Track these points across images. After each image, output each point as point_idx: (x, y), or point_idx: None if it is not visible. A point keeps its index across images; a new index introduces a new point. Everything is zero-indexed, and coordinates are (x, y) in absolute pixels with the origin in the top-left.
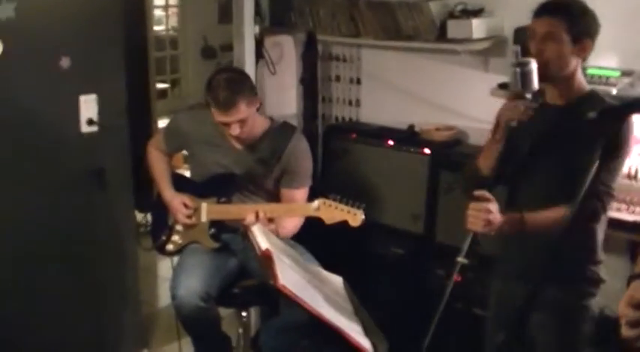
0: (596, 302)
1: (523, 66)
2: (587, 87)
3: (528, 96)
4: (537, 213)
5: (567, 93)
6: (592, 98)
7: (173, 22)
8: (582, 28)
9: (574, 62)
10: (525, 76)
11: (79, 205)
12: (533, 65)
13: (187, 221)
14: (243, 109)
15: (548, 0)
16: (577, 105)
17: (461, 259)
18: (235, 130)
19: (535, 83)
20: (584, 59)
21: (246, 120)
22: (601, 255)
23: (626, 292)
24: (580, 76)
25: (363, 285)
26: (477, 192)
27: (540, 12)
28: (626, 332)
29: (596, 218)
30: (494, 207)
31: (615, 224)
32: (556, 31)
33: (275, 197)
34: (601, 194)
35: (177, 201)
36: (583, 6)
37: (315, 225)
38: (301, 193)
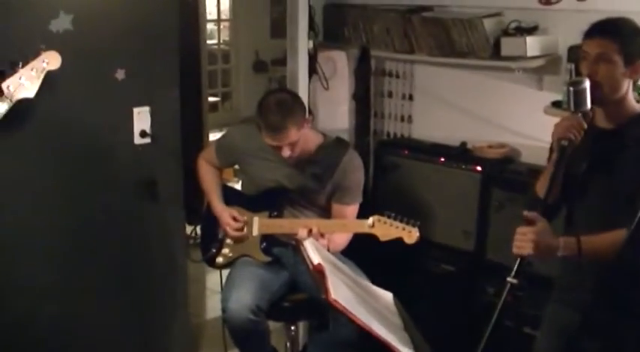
0: None
1: (576, 85)
2: (638, 108)
3: (580, 115)
4: (594, 237)
5: (617, 116)
6: None
7: (225, 35)
8: (635, 49)
9: (626, 84)
10: (578, 95)
11: (131, 216)
12: (587, 84)
13: (236, 234)
14: (294, 133)
15: (599, 20)
16: (628, 127)
17: (510, 279)
18: (286, 153)
19: (588, 103)
20: (635, 81)
21: (296, 143)
22: None
23: None
24: (631, 99)
25: (413, 302)
26: (526, 213)
27: (591, 33)
28: None
29: None
30: (542, 229)
31: None
32: (608, 52)
33: (327, 212)
34: None
35: (226, 215)
36: (635, 26)
37: (367, 240)
38: (352, 209)
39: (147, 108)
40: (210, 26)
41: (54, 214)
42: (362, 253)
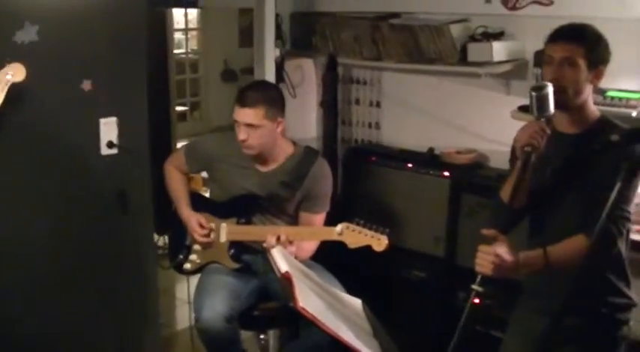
0: (630, 328)
1: (539, 90)
2: (598, 113)
3: (543, 120)
4: (558, 246)
5: (580, 121)
6: (605, 124)
7: (193, 45)
8: (598, 55)
9: (588, 89)
10: (541, 101)
11: (100, 227)
12: (550, 89)
13: (203, 240)
14: (259, 115)
15: (564, 25)
16: (591, 132)
17: (476, 287)
18: (241, 134)
19: (551, 108)
20: (596, 86)
21: (256, 130)
22: (629, 276)
23: None
24: (591, 103)
25: (384, 308)
26: (485, 231)
27: (556, 37)
28: None
29: (613, 243)
30: (502, 250)
31: (636, 246)
32: (573, 57)
33: (295, 220)
34: (617, 218)
35: (193, 221)
36: (598, 33)
37: (337, 247)
38: (320, 218)
39: (114, 119)
40: (178, 35)
41: (20, 226)
42: (332, 260)
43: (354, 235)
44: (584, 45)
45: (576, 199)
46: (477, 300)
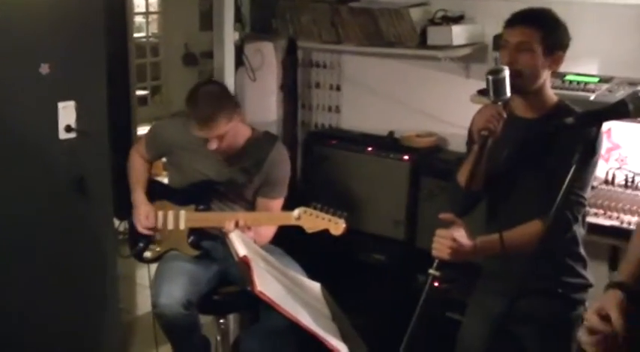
0: (587, 309)
1: (495, 74)
2: (555, 98)
3: (500, 104)
4: (514, 231)
5: (538, 106)
6: (562, 109)
7: (154, 28)
8: (556, 40)
9: (545, 74)
10: (497, 84)
11: (58, 212)
12: (506, 73)
13: (145, 232)
14: (223, 125)
15: (522, 9)
16: (548, 117)
17: (433, 271)
18: (213, 145)
19: (507, 92)
20: (554, 71)
21: (225, 136)
22: (585, 258)
23: (600, 298)
24: (549, 88)
25: (344, 292)
26: (442, 215)
27: (513, 21)
28: (584, 337)
29: (568, 229)
30: (459, 234)
31: (594, 229)
32: (530, 41)
33: (254, 206)
34: (572, 204)
35: (141, 210)
36: (556, 17)
37: (297, 232)
38: (278, 203)
39: (72, 103)
40: (138, 19)
41: None
42: (292, 244)
43: (311, 219)
44: (540, 30)
45: (532, 183)
46: (436, 283)
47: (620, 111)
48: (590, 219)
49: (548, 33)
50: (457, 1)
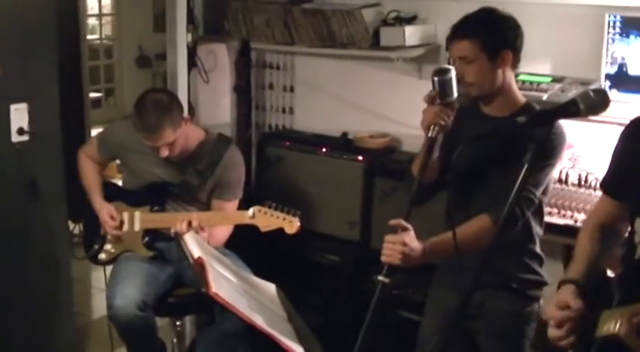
0: (541, 306)
1: (441, 74)
2: (523, 99)
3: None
4: (462, 228)
5: (507, 104)
6: (529, 110)
7: (108, 30)
8: (496, 41)
9: (501, 75)
10: (443, 85)
11: (12, 215)
12: (452, 73)
13: (114, 232)
14: (169, 134)
15: (456, 23)
16: (516, 116)
17: (382, 278)
18: (164, 153)
19: (454, 91)
20: (514, 67)
21: (174, 143)
22: (541, 255)
23: (555, 295)
24: (515, 88)
25: (300, 293)
26: (392, 221)
27: (452, 37)
28: (552, 332)
29: (514, 225)
30: (409, 238)
31: (548, 228)
32: (469, 54)
33: (208, 208)
34: (522, 200)
35: (105, 212)
36: (494, 16)
37: (251, 232)
38: (232, 205)
39: (24, 105)
40: (92, 21)
41: None
42: (249, 245)
43: (265, 218)
44: (478, 39)
45: (490, 179)
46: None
47: (572, 110)
48: (544, 218)
49: (486, 38)
50: (410, 2)
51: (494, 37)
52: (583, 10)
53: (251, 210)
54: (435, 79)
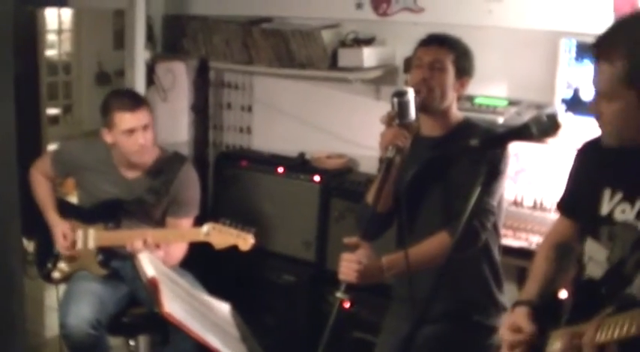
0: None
1: (401, 96)
2: (461, 116)
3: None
4: (420, 245)
5: (443, 124)
6: (468, 126)
7: (67, 46)
8: (465, 65)
9: (452, 96)
10: (402, 107)
11: None
12: (411, 95)
13: (67, 252)
14: (148, 114)
15: (436, 33)
16: (454, 135)
17: (340, 295)
18: (141, 138)
19: (412, 113)
20: (459, 96)
21: (149, 128)
22: (502, 281)
23: (509, 316)
24: (455, 110)
25: (255, 313)
26: (347, 240)
27: (429, 41)
28: None
29: (477, 238)
30: (365, 257)
31: (502, 250)
32: (444, 61)
33: (163, 226)
34: (479, 213)
35: (58, 230)
36: (466, 46)
37: (207, 252)
38: (186, 222)
39: None
40: (51, 37)
41: None
42: (203, 265)
43: (220, 235)
44: (454, 52)
45: (438, 203)
46: (346, 304)
47: (524, 133)
48: (504, 241)
49: (459, 56)
50: (368, 24)
51: (465, 60)
52: (539, 35)
53: (205, 227)
54: (395, 100)
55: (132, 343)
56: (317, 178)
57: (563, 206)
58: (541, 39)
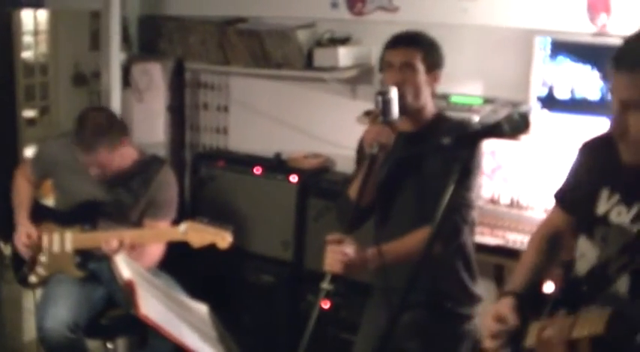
0: (476, 324)
1: (385, 94)
2: (434, 110)
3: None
4: (396, 242)
5: (419, 119)
6: (440, 121)
7: (43, 48)
8: (435, 59)
9: (427, 92)
10: (386, 104)
11: None
12: (394, 94)
13: (24, 250)
14: (103, 156)
15: (400, 32)
16: (427, 129)
17: (326, 285)
18: (93, 171)
19: (395, 111)
20: (433, 90)
21: (106, 165)
22: (475, 272)
23: (494, 304)
24: (430, 105)
25: (233, 313)
26: (330, 237)
27: (394, 43)
28: (488, 343)
29: (458, 232)
30: (350, 249)
31: (479, 247)
32: (413, 61)
33: (140, 228)
34: (459, 207)
35: (22, 229)
36: (431, 38)
37: (185, 252)
38: (164, 224)
39: None
40: (27, 38)
41: None
42: (181, 266)
43: (197, 234)
44: (421, 50)
45: (410, 197)
46: (325, 304)
47: (496, 131)
48: (476, 238)
49: (427, 52)
50: (343, 23)
51: (434, 54)
52: (514, 33)
53: (183, 226)
54: (379, 98)
55: (110, 346)
56: (294, 178)
57: (561, 198)
58: (516, 37)
